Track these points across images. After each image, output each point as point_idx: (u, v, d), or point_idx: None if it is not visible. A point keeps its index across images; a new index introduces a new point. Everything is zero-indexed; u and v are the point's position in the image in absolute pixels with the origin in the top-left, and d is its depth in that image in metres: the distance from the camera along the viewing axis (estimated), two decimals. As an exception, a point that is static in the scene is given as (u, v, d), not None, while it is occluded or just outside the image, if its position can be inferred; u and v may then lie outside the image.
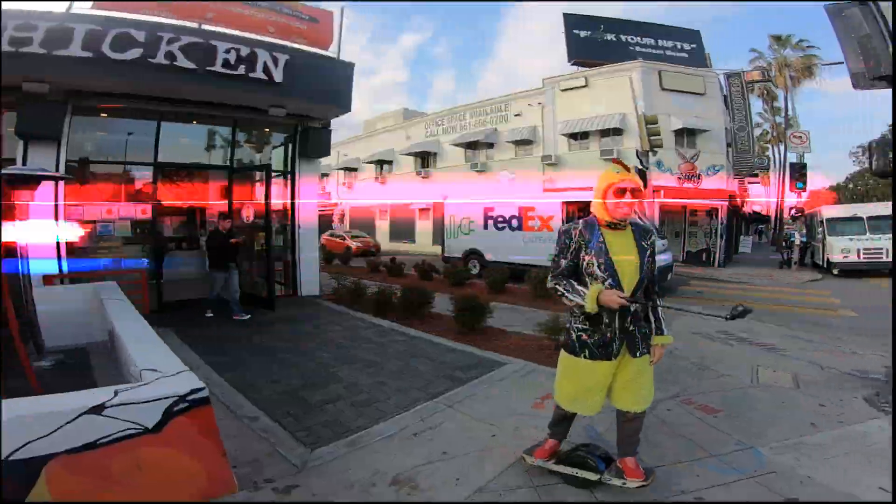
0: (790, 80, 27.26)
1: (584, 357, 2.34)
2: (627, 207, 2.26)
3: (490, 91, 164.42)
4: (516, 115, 23.12)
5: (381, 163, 30.48)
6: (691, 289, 10.94)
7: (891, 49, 4.05)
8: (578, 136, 20.84)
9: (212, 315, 6.80)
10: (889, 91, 4.16)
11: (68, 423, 1.94)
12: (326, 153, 8.70)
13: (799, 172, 16.15)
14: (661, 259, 10.34)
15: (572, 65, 22.54)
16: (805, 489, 2.42)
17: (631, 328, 2.31)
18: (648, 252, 2.35)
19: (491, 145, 24.29)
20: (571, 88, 20.92)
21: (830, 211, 16.03)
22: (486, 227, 12.74)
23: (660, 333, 2.40)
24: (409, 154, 28.12)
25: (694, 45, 21.88)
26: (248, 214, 8.44)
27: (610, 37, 21.92)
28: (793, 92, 29.71)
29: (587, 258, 2.28)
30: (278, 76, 6.27)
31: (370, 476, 2.59)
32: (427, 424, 3.25)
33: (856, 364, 4.69)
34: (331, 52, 7.15)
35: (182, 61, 5.64)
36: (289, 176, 8.58)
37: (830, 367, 4.61)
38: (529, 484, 2.53)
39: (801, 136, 18.70)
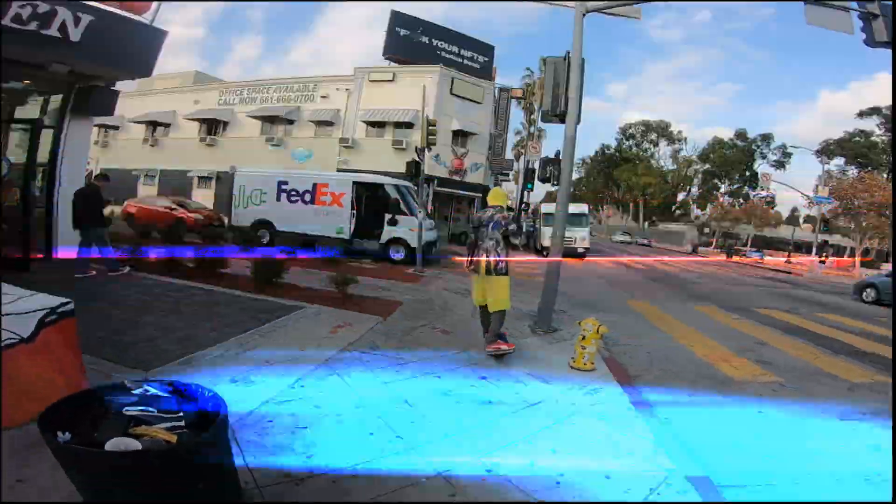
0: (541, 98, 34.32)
1: (508, 273, 4.63)
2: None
3: (299, 67, 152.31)
4: (323, 97, 23.50)
5: (154, 124, 26.49)
6: (451, 261, 13.72)
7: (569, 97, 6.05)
8: (376, 125, 22.59)
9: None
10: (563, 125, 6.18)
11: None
12: (109, 113, 8.08)
13: (531, 176, 21.39)
14: (429, 235, 12.84)
15: (385, 58, 24.01)
16: (492, 371, 4.22)
17: None
18: None
19: (291, 122, 24.02)
20: (380, 81, 22.38)
21: (543, 207, 21.91)
22: (279, 198, 13.24)
23: None
24: (194, 119, 25.30)
25: (487, 59, 25.78)
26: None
27: (424, 39, 24.03)
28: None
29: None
30: (75, 36, 5.88)
31: (212, 380, 3.47)
32: (246, 348, 4.25)
33: (531, 307, 7.24)
34: (145, 18, 6.84)
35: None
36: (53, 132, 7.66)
37: (518, 309, 7.17)
38: (335, 374, 3.82)
39: (535, 147, 24.55)
